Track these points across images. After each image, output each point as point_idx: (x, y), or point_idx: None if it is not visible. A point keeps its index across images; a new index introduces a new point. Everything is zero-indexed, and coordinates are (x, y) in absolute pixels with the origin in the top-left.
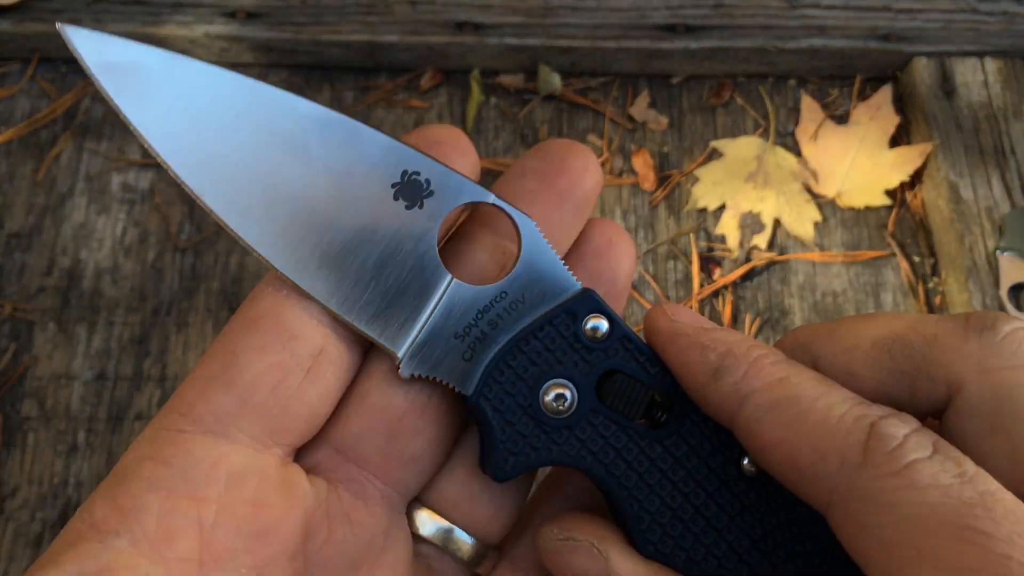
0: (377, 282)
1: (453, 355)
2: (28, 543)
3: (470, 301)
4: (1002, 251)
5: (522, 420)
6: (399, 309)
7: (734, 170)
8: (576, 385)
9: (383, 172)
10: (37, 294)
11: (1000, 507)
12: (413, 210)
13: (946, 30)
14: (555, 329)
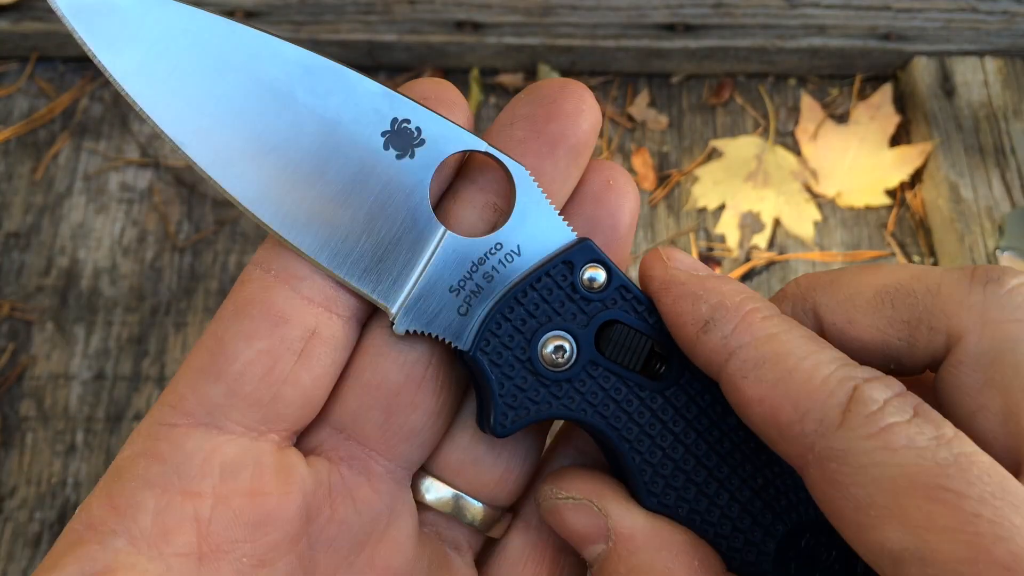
0: (368, 235)
1: (448, 309)
2: (27, 543)
3: (464, 253)
4: (1002, 250)
5: (520, 373)
6: (392, 263)
7: (734, 170)
8: (574, 337)
9: (372, 120)
10: (35, 294)
11: (975, 468)
12: (404, 160)
13: (946, 29)
14: (552, 280)
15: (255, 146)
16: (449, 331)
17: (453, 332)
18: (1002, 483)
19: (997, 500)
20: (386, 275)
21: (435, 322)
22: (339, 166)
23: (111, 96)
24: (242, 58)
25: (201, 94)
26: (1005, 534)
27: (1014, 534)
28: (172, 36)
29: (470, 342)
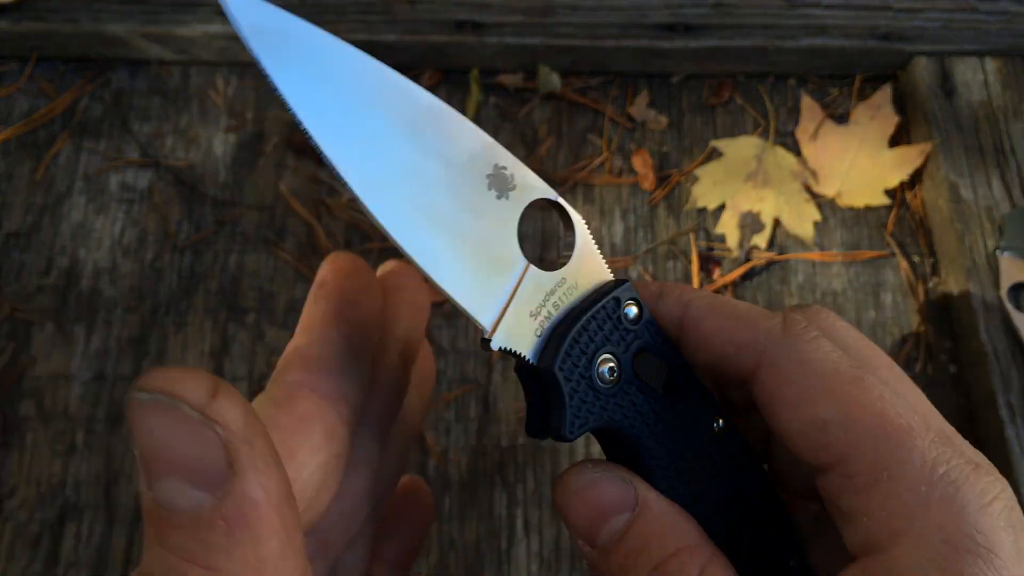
0: (473, 260)
1: (527, 331)
2: (27, 543)
3: (540, 284)
4: (1002, 251)
5: (584, 387)
6: (488, 288)
7: (734, 170)
8: (618, 359)
9: (480, 163)
10: (35, 294)
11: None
12: (501, 199)
13: (946, 29)
14: (605, 312)
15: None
16: (528, 350)
17: (531, 351)
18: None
19: (891, 387)
20: (480, 297)
21: (519, 341)
22: (455, 199)
23: (111, 96)
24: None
25: (352, 120)
26: (899, 409)
27: (900, 408)
28: (333, 66)
29: (547, 360)
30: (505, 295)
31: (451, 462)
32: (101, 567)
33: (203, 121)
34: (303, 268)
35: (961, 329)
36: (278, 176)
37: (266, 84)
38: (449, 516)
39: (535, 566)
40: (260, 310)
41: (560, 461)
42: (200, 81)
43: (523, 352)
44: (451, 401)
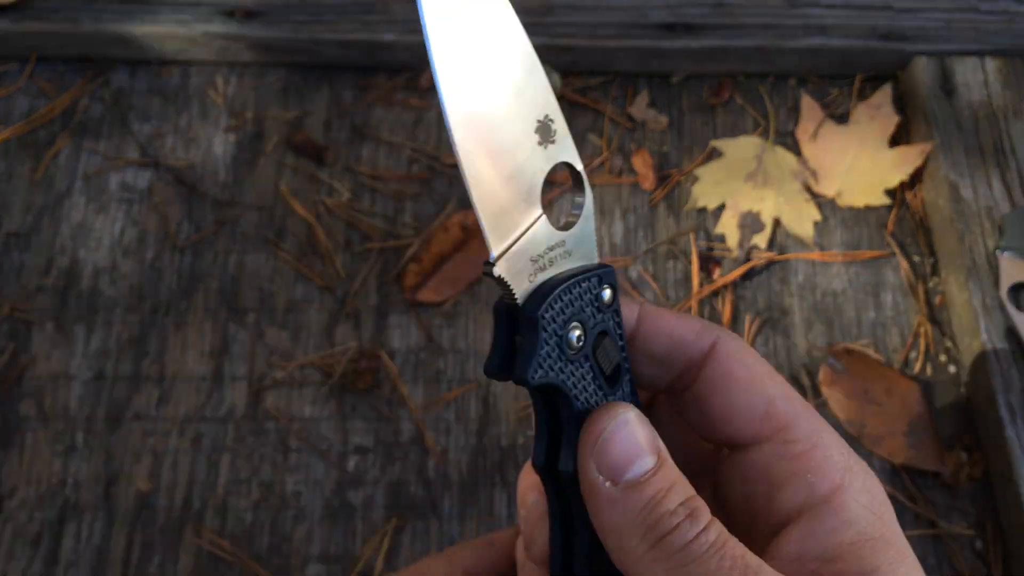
0: (505, 190)
1: (524, 273)
2: (27, 543)
3: (546, 236)
4: (1002, 251)
5: (553, 343)
6: (507, 218)
7: (734, 169)
8: (585, 332)
9: (536, 107)
10: (35, 294)
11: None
12: (540, 146)
13: (946, 29)
14: (588, 284)
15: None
16: (520, 290)
17: (522, 291)
18: None
19: None
20: (499, 225)
21: (516, 279)
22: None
23: (111, 96)
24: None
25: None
26: None
27: None
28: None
29: (532, 305)
30: (518, 231)
31: (451, 462)
32: (101, 567)
33: (203, 121)
34: (303, 268)
35: (961, 329)
36: (278, 176)
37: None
38: (449, 516)
39: None
40: (260, 310)
41: None
42: (200, 81)
43: (516, 291)
44: (451, 401)
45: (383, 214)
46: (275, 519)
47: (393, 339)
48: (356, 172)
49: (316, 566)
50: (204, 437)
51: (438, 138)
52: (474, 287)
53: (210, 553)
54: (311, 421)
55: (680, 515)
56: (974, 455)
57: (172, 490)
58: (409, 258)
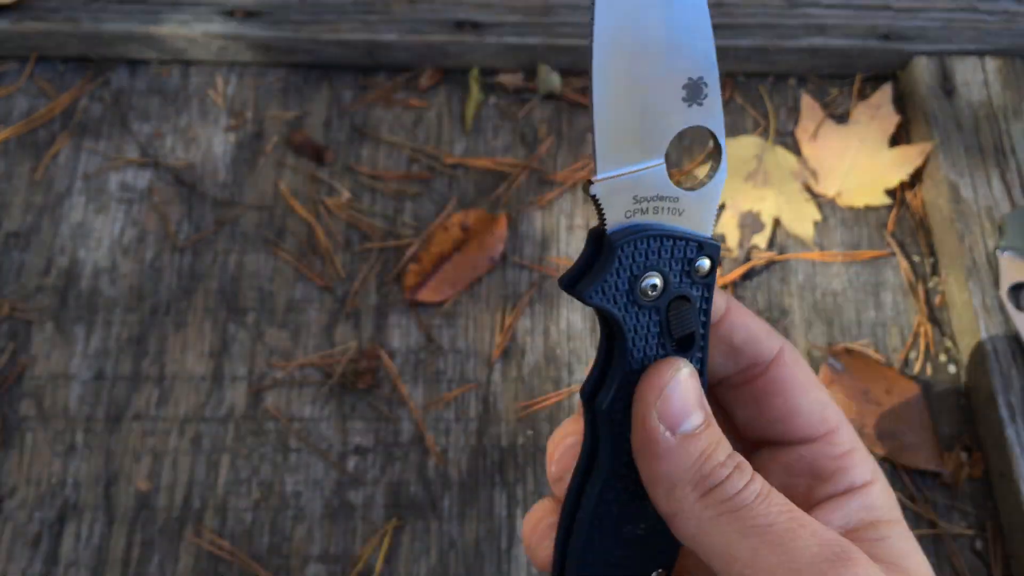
0: (631, 121)
1: (621, 206)
2: (27, 543)
3: (659, 184)
4: (1002, 251)
5: (624, 279)
6: (623, 148)
7: (734, 169)
8: (665, 286)
9: (691, 69)
10: (35, 293)
11: None
12: (683, 104)
13: (946, 29)
14: (683, 246)
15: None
16: (612, 219)
17: (614, 221)
18: None
19: None
20: (614, 152)
21: (611, 206)
22: (654, 73)
23: (111, 96)
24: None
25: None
26: None
27: None
28: None
29: (617, 236)
30: (629, 167)
31: (451, 462)
32: (101, 567)
33: (203, 121)
34: (303, 268)
35: (961, 329)
36: (278, 176)
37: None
38: (449, 516)
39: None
40: (260, 310)
41: None
42: (200, 81)
43: (607, 216)
44: (451, 401)
45: (383, 214)
46: (275, 519)
47: (393, 339)
48: (356, 172)
49: (316, 566)
50: (204, 437)
51: (438, 138)
52: (474, 287)
53: (210, 553)
54: (311, 421)
55: (729, 467)
56: (974, 455)
57: (172, 490)
58: (409, 258)
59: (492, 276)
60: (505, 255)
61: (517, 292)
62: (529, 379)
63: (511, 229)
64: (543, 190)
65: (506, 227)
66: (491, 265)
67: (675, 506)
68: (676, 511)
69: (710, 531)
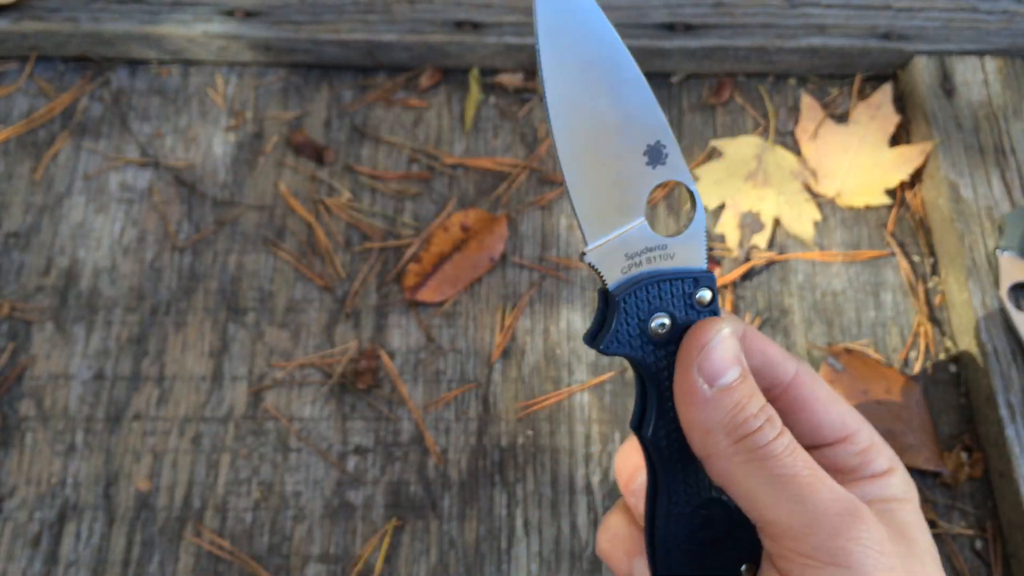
0: (605, 194)
1: (616, 265)
2: (26, 543)
3: (644, 239)
4: (1002, 251)
5: (634, 324)
6: (604, 217)
7: (734, 169)
8: (674, 324)
9: (648, 134)
10: (35, 293)
11: None
12: (648, 167)
13: (946, 29)
14: (683, 284)
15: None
16: (611, 277)
17: (612, 278)
18: None
19: None
20: (597, 222)
21: (607, 267)
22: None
23: (111, 96)
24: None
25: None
26: None
27: None
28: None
29: (619, 291)
30: (614, 231)
31: (451, 462)
32: (101, 567)
33: (203, 121)
34: (303, 268)
35: (961, 329)
36: (278, 176)
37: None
38: (449, 516)
39: (535, 566)
40: (260, 310)
41: (560, 461)
42: (200, 81)
43: (606, 278)
44: (451, 401)
45: (383, 214)
46: (275, 519)
47: (393, 339)
48: (356, 172)
49: (316, 566)
50: (204, 437)
51: (438, 138)
52: (474, 287)
53: (210, 553)
54: (311, 421)
55: (760, 418)
56: (974, 455)
57: (172, 490)
58: (409, 258)
59: (492, 276)
60: (505, 255)
61: (517, 292)
62: (529, 379)
63: (511, 229)
64: (543, 190)
65: (506, 227)
66: (491, 265)
67: (710, 450)
68: (710, 454)
69: (739, 475)
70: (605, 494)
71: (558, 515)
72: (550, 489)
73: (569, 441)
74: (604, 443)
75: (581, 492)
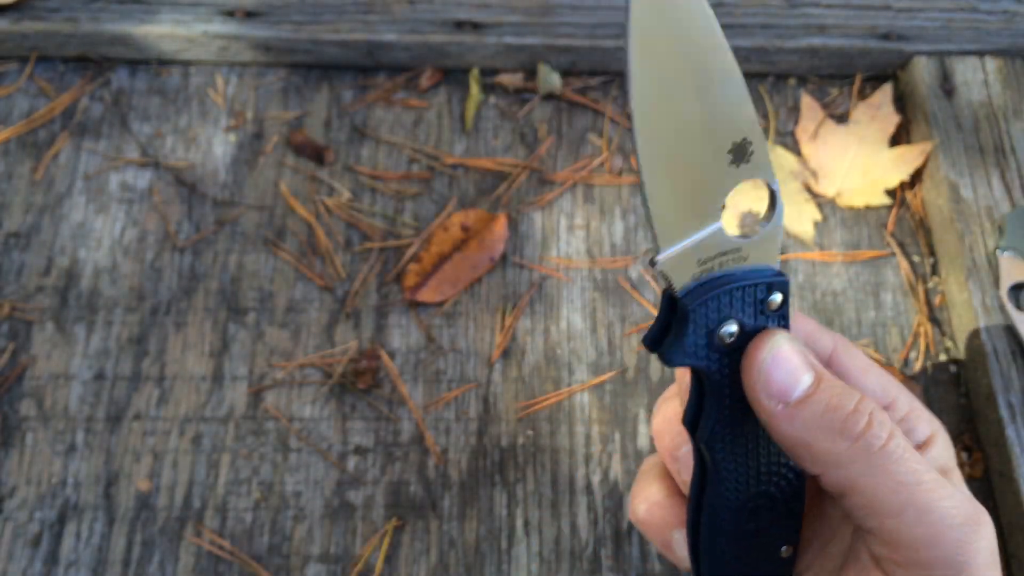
0: (682, 197)
1: (687, 271)
2: (27, 543)
3: (720, 243)
4: (1002, 251)
5: (703, 334)
6: (678, 227)
7: None
8: (742, 330)
9: (734, 130)
10: (35, 293)
11: None
12: (731, 166)
13: (946, 29)
14: (755, 291)
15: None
16: (681, 283)
17: (682, 284)
18: None
19: None
20: (672, 228)
21: (678, 274)
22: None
23: (111, 96)
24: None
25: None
26: None
27: None
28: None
29: (690, 299)
30: (688, 238)
31: (451, 462)
32: (101, 567)
33: (203, 121)
34: (303, 268)
35: (961, 329)
36: (278, 176)
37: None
38: (449, 516)
39: (535, 566)
40: (260, 310)
41: (560, 461)
42: (200, 81)
43: (675, 284)
44: (451, 401)
45: (383, 214)
46: (275, 519)
47: (393, 339)
48: (356, 172)
49: (316, 566)
50: (204, 437)
51: (438, 138)
52: (474, 287)
53: (210, 553)
54: (311, 421)
55: (863, 413)
56: (974, 455)
57: (172, 490)
58: (409, 258)
59: (492, 276)
60: (505, 255)
61: (517, 292)
62: (529, 379)
63: (511, 229)
64: (543, 190)
65: (506, 227)
66: (491, 265)
67: (822, 464)
68: (826, 467)
69: (861, 483)
70: (605, 494)
71: (558, 515)
72: (550, 489)
73: (569, 441)
74: (604, 443)
75: (581, 492)
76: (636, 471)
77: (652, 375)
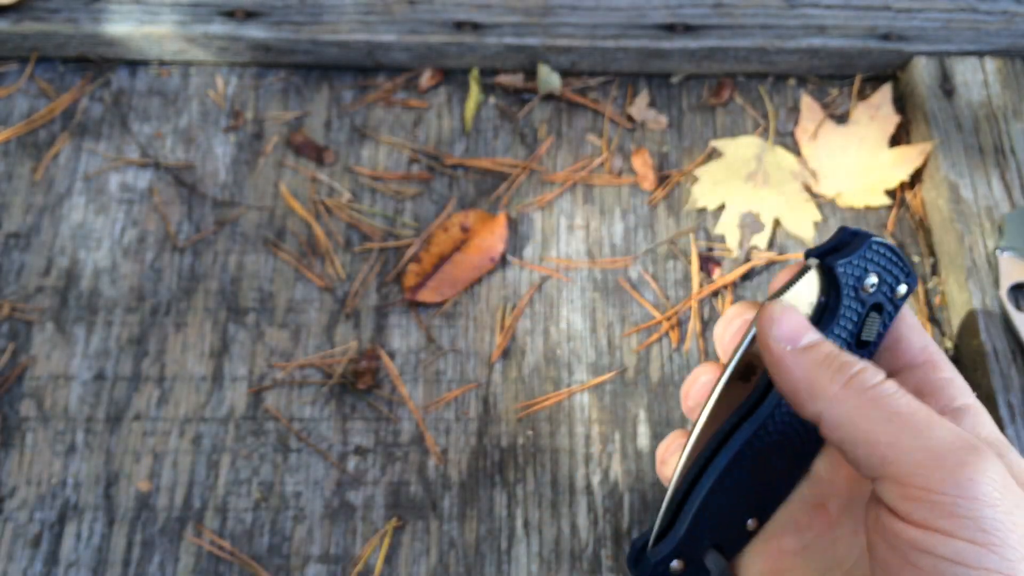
0: None
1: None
2: (27, 543)
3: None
4: (1002, 251)
5: (860, 267)
6: None
7: (734, 170)
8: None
9: None
10: (35, 294)
11: None
12: None
13: (946, 29)
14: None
15: None
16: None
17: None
18: None
19: None
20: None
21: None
22: None
23: (111, 96)
24: None
25: None
26: None
27: None
28: None
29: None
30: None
31: (451, 462)
32: (101, 567)
33: (203, 122)
34: (303, 268)
35: (961, 329)
36: (278, 176)
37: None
38: (449, 516)
39: (535, 566)
40: (260, 310)
41: (560, 461)
42: (200, 82)
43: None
44: (451, 401)
45: (383, 214)
46: (275, 519)
47: (393, 339)
48: (356, 172)
49: (316, 566)
50: (204, 437)
51: (438, 138)
52: (474, 287)
53: (210, 553)
54: (311, 421)
55: (858, 363)
56: None
57: (172, 490)
58: (409, 258)
59: (492, 276)
60: (505, 255)
61: (517, 292)
62: (529, 379)
63: (511, 229)
64: (543, 190)
65: (506, 227)
66: (491, 265)
67: (821, 403)
68: (822, 407)
69: (857, 417)
70: (605, 494)
71: (558, 515)
72: (550, 489)
73: (569, 441)
74: (604, 443)
75: (581, 492)
76: (636, 471)
77: (652, 375)
